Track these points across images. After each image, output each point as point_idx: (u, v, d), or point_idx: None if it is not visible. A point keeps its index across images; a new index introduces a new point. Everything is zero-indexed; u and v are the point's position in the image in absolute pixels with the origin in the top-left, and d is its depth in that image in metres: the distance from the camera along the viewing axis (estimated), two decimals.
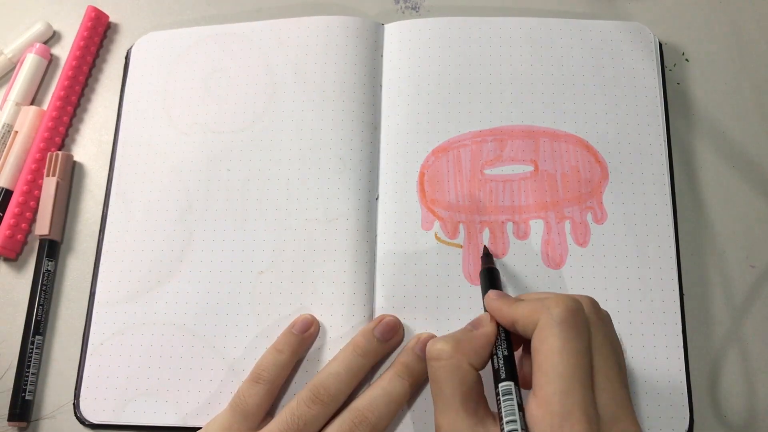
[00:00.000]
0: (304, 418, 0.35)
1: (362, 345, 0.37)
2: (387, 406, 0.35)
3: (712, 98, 0.44)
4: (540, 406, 0.27)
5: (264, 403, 0.36)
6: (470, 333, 0.32)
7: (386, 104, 0.44)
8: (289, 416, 0.35)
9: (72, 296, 0.43)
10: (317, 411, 0.35)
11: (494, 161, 0.42)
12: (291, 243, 0.41)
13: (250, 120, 0.44)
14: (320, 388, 0.35)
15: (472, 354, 0.31)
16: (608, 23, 0.45)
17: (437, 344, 0.32)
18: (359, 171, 0.42)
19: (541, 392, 0.28)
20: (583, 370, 0.28)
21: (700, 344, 0.39)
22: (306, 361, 0.39)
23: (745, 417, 0.38)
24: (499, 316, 0.32)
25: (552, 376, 0.28)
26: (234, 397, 0.37)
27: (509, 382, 0.30)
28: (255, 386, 0.36)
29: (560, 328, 0.28)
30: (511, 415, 0.28)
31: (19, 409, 0.40)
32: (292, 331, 0.38)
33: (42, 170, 0.45)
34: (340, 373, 0.36)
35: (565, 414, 0.27)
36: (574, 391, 0.27)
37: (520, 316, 0.30)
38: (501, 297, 0.33)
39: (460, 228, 0.40)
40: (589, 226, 0.40)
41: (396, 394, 0.35)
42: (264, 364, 0.37)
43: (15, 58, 0.49)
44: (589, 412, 0.27)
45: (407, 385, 0.36)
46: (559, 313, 0.29)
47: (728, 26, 0.46)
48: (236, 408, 0.36)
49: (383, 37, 0.45)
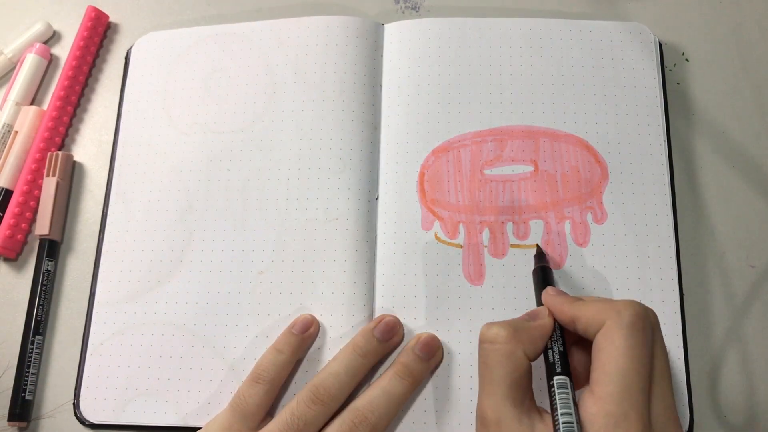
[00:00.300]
0: (304, 418, 0.35)
1: (362, 345, 0.37)
2: (387, 406, 0.35)
3: (712, 98, 0.44)
4: (596, 404, 0.28)
5: (264, 403, 0.36)
6: (527, 323, 0.32)
7: (386, 104, 0.44)
8: (289, 416, 0.35)
9: (72, 296, 0.43)
10: (317, 411, 0.35)
11: (494, 161, 0.42)
12: (291, 243, 0.41)
13: (250, 120, 0.44)
14: (320, 388, 0.35)
15: (528, 343, 0.31)
16: (608, 23, 0.45)
17: (493, 328, 0.31)
18: (359, 171, 0.42)
19: (600, 390, 0.28)
20: (645, 376, 0.28)
21: (700, 344, 0.39)
22: (306, 361, 0.39)
23: (745, 417, 0.38)
24: (559, 312, 0.32)
25: (614, 376, 0.28)
26: (234, 397, 0.37)
27: (565, 376, 0.30)
28: (255, 386, 0.36)
29: (629, 331, 0.28)
30: (566, 408, 0.28)
31: (19, 409, 0.40)
32: (292, 331, 0.38)
33: (42, 170, 0.45)
34: (340, 373, 0.36)
35: (621, 415, 0.27)
36: (634, 394, 0.27)
37: (584, 315, 0.31)
38: (560, 294, 0.34)
39: (460, 228, 0.40)
40: (589, 226, 0.40)
41: (396, 394, 0.36)
42: (264, 364, 0.37)
43: (15, 58, 0.49)
44: (644, 417, 0.27)
45: (407, 385, 0.36)
46: (629, 316, 0.29)
47: (728, 26, 0.46)
48: (236, 408, 0.36)
49: (383, 37, 0.45)
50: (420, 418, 0.37)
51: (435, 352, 0.38)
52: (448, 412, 0.37)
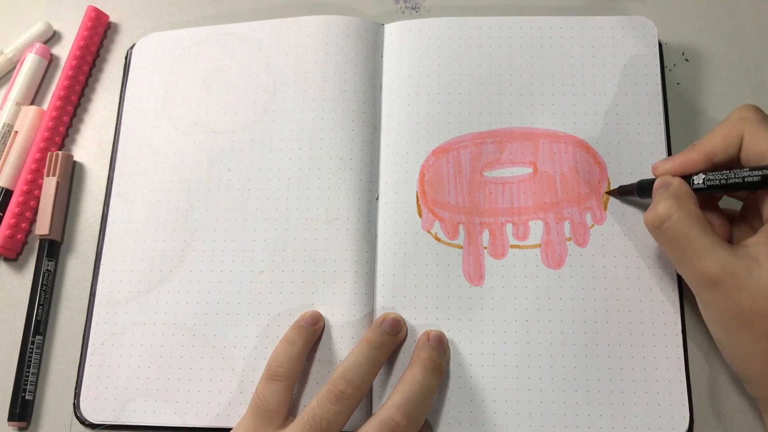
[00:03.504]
0: (327, 417, 0.33)
1: (375, 338, 0.37)
2: (424, 400, 0.35)
3: (712, 98, 0.44)
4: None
5: (284, 401, 0.36)
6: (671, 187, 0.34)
7: (386, 104, 0.44)
8: (310, 417, 0.33)
9: (72, 296, 0.43)
10: (341, 407, 0.34)
11: (493, 163, 0.42)
12: (291, 243, 0.41)
13: (250, 120, 0.44)
14: (342, 381, 0.34)
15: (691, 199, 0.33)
16: (610, 18, 0.44)
17: (658, 208, 0.33)
18: (359, 171, 0.42)
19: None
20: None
21: (700, 344, 0.39)
22: (317, 362, 0.38)
23: (745, 417, 0.38)
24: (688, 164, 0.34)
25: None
26: (253, 399, 0.36)
27: None
28: (273, 384, 0.36)
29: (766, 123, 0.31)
30: None
31: (19, 409, 0.40)
32: (301, 323, 0.38)
33: (42, 170, 0.45)
34: (361, 362, 0.35)
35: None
36: None
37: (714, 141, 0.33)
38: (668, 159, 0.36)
39: (459, 229, 0.40)
40: (588, 227, 0.40)
41: (431, 386, 0.35)
42: (278, 358, 0.36)
43: (15, 58, 0.49)
44: None
45: (438, 378, 0.36)
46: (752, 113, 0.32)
47: (728, 26, 0.46)
48: (258, 409, 0.35)
49: (383, 38, 0.45)
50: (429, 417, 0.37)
51: (446, 346, 0.38)
52: (449, 412, 0.37)
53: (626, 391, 0.37)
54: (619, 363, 0.37)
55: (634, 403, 0.37)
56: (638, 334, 0.38)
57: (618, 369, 0.37)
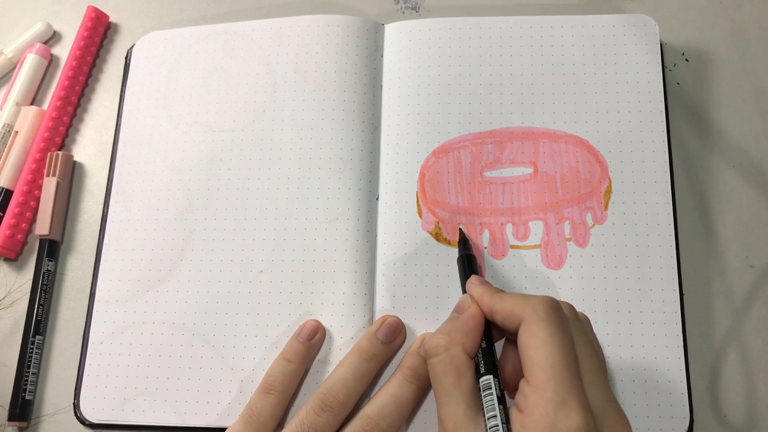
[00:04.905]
0: (314, 426, 0.34)
1: (366, 349, 0.37)
2: (398, 411, 0.35)
3: (712, 98, 0.44)
4: (534, 393, 0.28)
5: (276, 414, 0.36)
6: (458, 320, 0.32)
7: (386, 104, 0.44)
8: (298, 426, 0.35)
9: (72, 296, 0.43)
10: (327, 419, 0.35)
11: (494, 164, 0.42)
12: (291, 243, 0.41)
13: (250, 119, 0.44)
14: (328, 395, 0.35)
15: (465, 340, 0.31)
16: (611, 17, 0.44)
17: (432, 340, 0.32)
18: (359, 171, 0.42)
19: (535, 380, 0.28)
20: (572, 362, 0.28)
21: (700, 344, 0.39)
22: (316, 361, 0.38)
23: (745, 417, 0.38)
24: (479, 303, 0.33)
25: (544, 365, 0.28)
26: (246, 409, 0.36)
27: (488, 375, 0.30)
28: (267, 397, 0.36)
29: (546, 323, 0.29)
30: (492, 411, 0.29)
31: (19, 409, 0.40)
32: (299, 339, 0.38)
33: (42, 170, 0.45)
34: (347, 378, 0.36)
35: (560, 401, 0.27)
36: (567, 380, 0.27)
37: (502, 309, 0.31)
38: (483, 284, 0.34)
39: (460, 229, 0.40)
40: (588, 227, 0.40)
41: (405, 398, 0.35)
42: (274, 374, 0.37)
43: (15, 58, 0.49)
44: (582, 400, 0.27)
45: (416, 388, 0.36)
46: (543, 311, 0.29)
47: (728, 26, 0.46)
48: (249, 420, 0.36)
49: (383, 37, 0.45)
50: (431, 418, 0.37)
51: None
52: None
53: (626, 391, 0.37)
54: (618, 363, 0.37)
55: (634, 403, 0.37)
56: (638, 334, 0.38)
57: (618, 369, 0.37)
